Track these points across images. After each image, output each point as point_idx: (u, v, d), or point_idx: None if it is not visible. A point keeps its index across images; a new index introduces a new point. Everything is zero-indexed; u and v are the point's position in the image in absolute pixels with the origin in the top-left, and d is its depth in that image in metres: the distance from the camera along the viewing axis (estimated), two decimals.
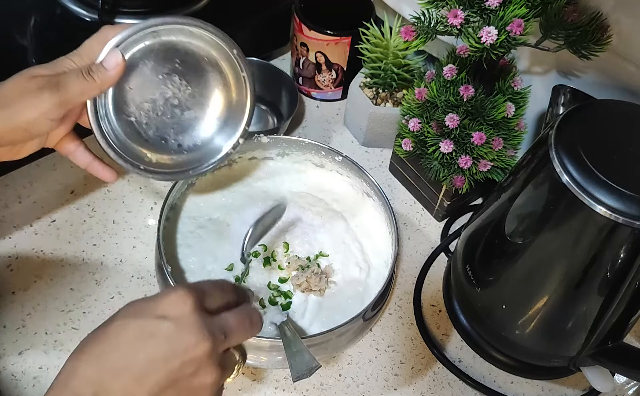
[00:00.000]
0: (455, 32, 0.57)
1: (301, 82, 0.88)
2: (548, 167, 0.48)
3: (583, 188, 0.45)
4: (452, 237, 0.74)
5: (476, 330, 0.64)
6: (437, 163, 0.69)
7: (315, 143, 0.71)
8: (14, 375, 0.57)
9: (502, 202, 0.56)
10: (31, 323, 0.61)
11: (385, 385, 0.61)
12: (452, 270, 0.66)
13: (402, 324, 0.66)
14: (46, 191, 0.72)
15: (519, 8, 0.54)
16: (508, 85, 0.66)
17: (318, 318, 0.63)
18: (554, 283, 0.52)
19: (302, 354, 0.53)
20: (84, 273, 0.65)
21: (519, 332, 0.57)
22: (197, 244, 0.66)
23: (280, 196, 0.72)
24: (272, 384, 0.60)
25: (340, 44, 0.81)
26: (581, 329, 0.53)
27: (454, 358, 0.64)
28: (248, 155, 0.73)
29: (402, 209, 0.78)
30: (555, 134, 0.49)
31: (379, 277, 0.66)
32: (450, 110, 0.66)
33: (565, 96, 0.55)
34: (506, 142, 0.67)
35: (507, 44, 0.56)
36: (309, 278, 0.64)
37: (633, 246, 0.46)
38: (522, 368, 0.63)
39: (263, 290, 0.64)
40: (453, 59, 0.66)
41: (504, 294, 0.57)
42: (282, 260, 0.67)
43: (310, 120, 0.86)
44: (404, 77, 0.77)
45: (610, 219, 0.45)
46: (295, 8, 0.82)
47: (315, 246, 0.68)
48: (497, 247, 0.57)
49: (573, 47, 0.59)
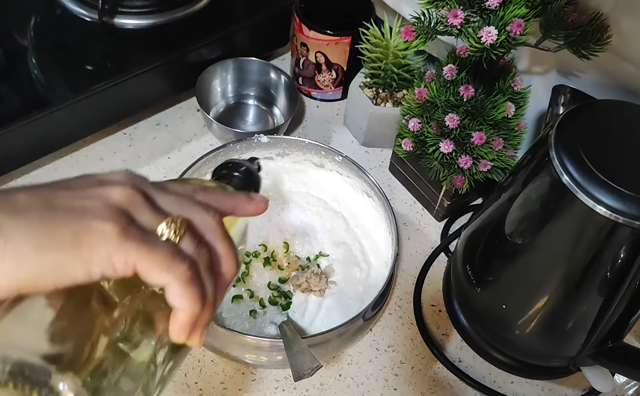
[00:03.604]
0: (455, 32, 0.57)
1: (301, 82, 0.88)
2: (548, 167, 0.48)
3: (583, 188, 0.45)
4: (452, 237, 0.74)
5: (476, 330, 0.64)
6: (437, 163, 0.69)
7: (315, 143, 0.71)
8: None
9: (502, 202, 0.56)
10: None
11: (385, 385, 0.61)
12: (452, 270, 0.66)
13: (402, 324, 0.66)
14: None
15: (519, 8, 0.54)
16: (508, 85, 0.66)
17: (318, 318, 0.63)
18: (554, 283, 0.52)
19: (303, 354, 0.53)
20: None
21: (519, 332, 0.57)
22: None
23: (280, 196, 0.72)
24: (272, 384, 0.60)
25: (340, 44, 0.81)
26: (581, 329, 0.53)
27: (454, 358, 0.64)
28: (248, 155, 0.73)
29: (402, 209, 0.78)
30: (555, 134, 0.49)
31: (379, 277, 0.66)
32: (450, 110, 0.66)
33: (565, 96, 0.55)
34: (506, 142, 0.67)
35: (507, 44, 0.56)
36: (309, 278, 0.64)
37: (633, 246, 0.46)
38: (522, 368, 0.63)
39: (263, 290, 0.64)
40: (453, 59, 0.66)
41: (504, 294, 0.57)
42: (282, 260, 0.67)
43: (310, 120, 0.86)
44: (404, 77, 0.77)
45: (610, 219, 0.45)
46: (295, 8, 0.82)
47: (315, 246, 0.68)
48: (497, 247, 0.57)
49: (573, 47, 0.59)
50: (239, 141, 0.70)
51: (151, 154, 0.78)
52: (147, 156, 0.78)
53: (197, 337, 0.32)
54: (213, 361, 0.60)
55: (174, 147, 0.79)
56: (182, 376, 0.59)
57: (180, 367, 0.37)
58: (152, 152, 0.78)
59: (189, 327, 0.30)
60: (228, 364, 0.60)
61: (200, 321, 0.31)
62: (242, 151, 0.71)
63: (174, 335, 0.31)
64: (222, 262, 0.33)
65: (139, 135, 0.80)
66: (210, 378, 0.60)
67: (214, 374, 0.60)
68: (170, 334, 0.31)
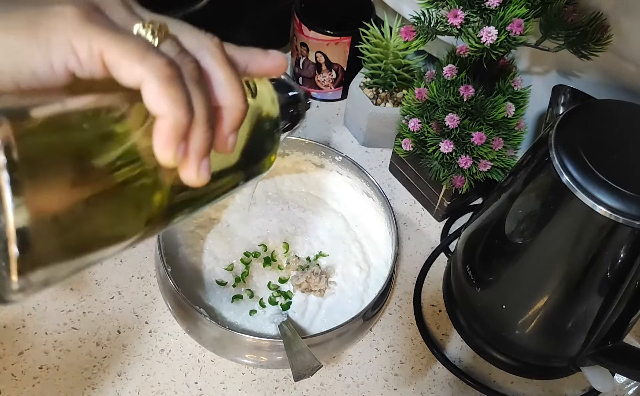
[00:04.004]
0: (455, 32, 0.57)
1: (301, 82, 0.88)
2: (548, 167, 0.48)
3: (583, 188, 0.45)
4: (452, 237, 0.73)
5: (476, 330, 0.64)
6: (437, 163, 0.69)
7: (315, 143, 0.71)
8: (14, 375, 0.57)
9: (502, 202, 0.56)
10: (31, 323, 0.61)
11: (385, 385, 0.61)
12: (452, 270, 0.66)
13: (402, 324, 0.66)
14: None
15: (519, 8, 0.54)
16: (508, 85, 0.66)
17: (318, 318, 0.63)
18: (554, 283, 0.52)
19: (303, 354, 0.53)
20: (84, 273, 0.65)
21: (519, 332, 0.57)
22: (197, 244, 0.66)
23: (280, 196, 0.72)
24: (272, 384, 0.60)
25: (340, 44, 0.81)
26: (581, 329, 0.53)
27: (454, 358, 0.64)
28: None
29: (402, 209, 0.78)
30: (555, 134, 0.49)
31: (379, 277, 0.66)
32: (450, 110, 0.66)
33: (565, 96, 0.55)
34: (506, 142, 0.67)
35: (507, 44, 0.56)
36: (309, 278, 0.64)
37: (633, 246, 0.46)
38: (522, 368, 0.63)
39: (263, 290, 0.64)
40: (453, 59, 0.66)
41: (504, 294, 0.57)
42: (282, 260, 0.67)
43: (310, 120, 0.86)
44: (404, 77, 0.77)
45: (610, 219, 0.45)
46: (295, 8, 0.82)
47: (315, 246, 0.68)
48: (497, 247, 0.57)
49: (573, 47, 0.59)
50: None
51: None
52: None
53: (191, 167, 0.27)
54: (213, 361, 0.61)
55: None
56: (182, 376, 0.59)
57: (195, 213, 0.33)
58: None
59: (173, 141, 0.25)
60: (228, 364, 0.60)
61: (191, 143, 0.26)
62: None
63: (159, 152, 0.26)
64: (222, 91, 0.28)
65: None
66: (210, 378, 0.60)
67: (214, 374, 0.60)
68: (155, 152, 0.26)
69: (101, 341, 0.61)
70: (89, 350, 0.60)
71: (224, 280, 0.64)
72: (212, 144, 0.27)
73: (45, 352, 0.59)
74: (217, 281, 0.64)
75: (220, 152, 0.29)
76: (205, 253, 0.66)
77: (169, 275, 0.58)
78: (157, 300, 0.64)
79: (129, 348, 0.61)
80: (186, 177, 0.27)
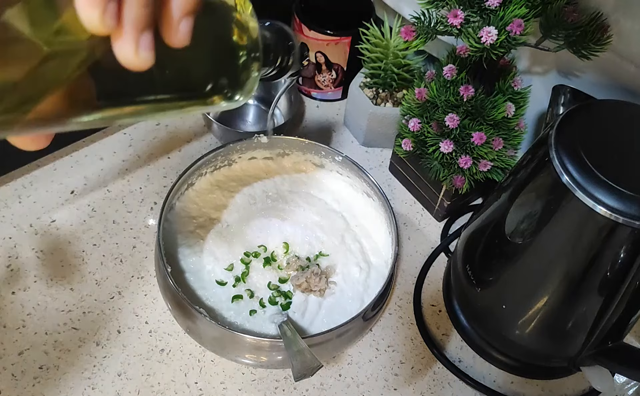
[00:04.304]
0: (455, 32, 0.57)
1: (301, 82, 0.88)
2: (548, 167, 0.48)
3: (583, 188, 0.45)
4: (452, 237, 0.74)
5: (476, 330, 0.64)
6: (437, 163, 0.69)
7: (315, 144, 0.71)
8: (14, 375, 0.57)
9: (502, 202, 0.56)
10: (31, 323, 0.61)
11: (385, 385, 0.61)
12: (452, 270, 0.66)
13: (402, 324, 0.66)
14: (46, 191, 0.72)
15: (519, 8, 0.54)
16: (508, 85, 0.66)
17: (318, 318, 0.63)
18: (554, 283, 0.52)
19: (303, 354, 0.53)
20: (84, 273, 0.65)
21: (519, 332, 0.57)
22: (197, 244, 0.66)
23: (280, 196, 0.72)
24: (272, 384, 0.60)
25: (340, 44, 0.81)
26: (581, 329, 0.53)
27: (454, 358, 0.64)
28: (248, 155, 0.73)
29: (402, 209, 0.78)
30: (555, 134, 0.49)
31: (379, 277, 0.66)
32: (450, 110, 0.66)
33: (565, 96, 0.55)
34: (506, 142, 0.67)
35: (507, 44, 0.56)
36: (309, 278, 0.64)
37: (633, 246, 0.46)
38: (522, 368, 0.63)
39: (263, 290, 0.64)
40: (453, 59, 0.66)
41: (504, 294, 0.57)
42: (282, 260, 0.67)
43: (310, 120, 0.86)
44: (404, 77, 0.77)
45: (610, 219, 0.45)
46: (295, 8, 0.82)
47: (315, 246, 0.68)
48: (497, 247, 0.57)
49: (573, 47, 0.59)
50: (239, 141, 0.70)
51: (151, 154, 0.78)
52: (147, 156, 0.78)
53: (126, 39, 0.22)
54: (213, 361, 0.61)
55: (174, 147, 0.79)
56: (182, 376, 0.59)
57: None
58: (152, 152, 0.78)
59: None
60: (228, 364, 0.60)
61: (126, 7, 0.22)
62: (242, 151, 0.71)
63: (82, 8, 0.21)
64: None
65: (139, 135, 0.80)
66: (210, 378, 0.60)
67: (214, 374, 0.60)
68: (77, 8, 0.21)
69: (101, 341, 0.61)
70: (89, 350, 0.60)
71: (224, 280, 0.64)
72: (151, 16, 0.23)
73: (45, 352, 0.59)
74: (217, 281, 0.64)
75: (170, 42, 0.24)
76: (205, 253, 0.65)
77: (169, 275, 0.58)
78: (157, 300, 0.64)
79: (129, 348, 0.61)
80: (122, 53, 0.23)
